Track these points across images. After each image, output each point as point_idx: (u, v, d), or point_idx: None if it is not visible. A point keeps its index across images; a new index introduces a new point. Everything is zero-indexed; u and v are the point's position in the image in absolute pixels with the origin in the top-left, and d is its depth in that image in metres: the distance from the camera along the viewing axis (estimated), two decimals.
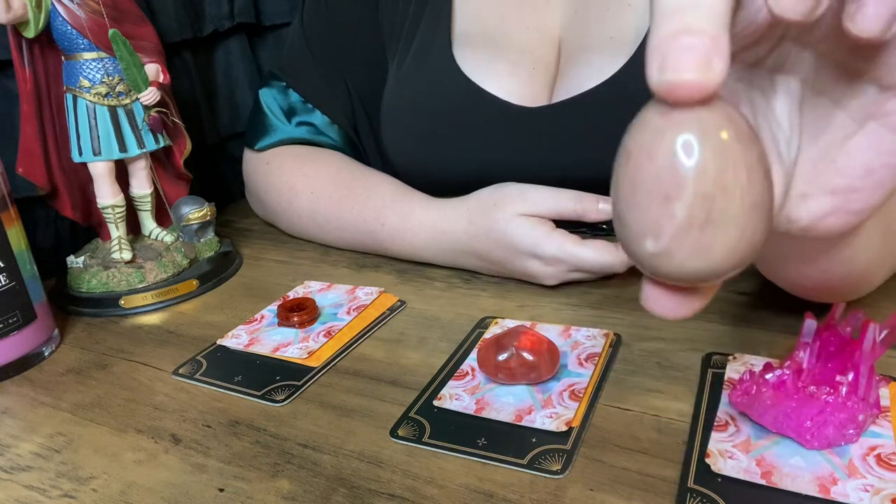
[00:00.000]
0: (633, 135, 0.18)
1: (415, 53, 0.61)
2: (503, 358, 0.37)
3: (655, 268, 0.19)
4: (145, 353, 0.46)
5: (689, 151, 0.17)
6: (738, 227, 0.18)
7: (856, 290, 0.38)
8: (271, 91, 0.66)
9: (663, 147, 0.17)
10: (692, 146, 0.17)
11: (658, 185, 0.17)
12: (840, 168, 0.23)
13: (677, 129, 0.17)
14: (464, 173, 0.58)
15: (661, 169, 0.17)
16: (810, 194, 0.24)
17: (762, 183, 0.18)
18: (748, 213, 0.18)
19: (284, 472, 0.33)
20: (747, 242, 0.18)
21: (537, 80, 0.57)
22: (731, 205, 0.17)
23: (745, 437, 0.31)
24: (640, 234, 0.18)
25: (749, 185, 0.17)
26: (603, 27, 0.55)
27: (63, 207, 0.56)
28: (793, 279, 0.37)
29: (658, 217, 0.18)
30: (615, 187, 0.19)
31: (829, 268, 0.33)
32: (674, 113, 0.17)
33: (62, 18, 0.49)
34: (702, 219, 0.17)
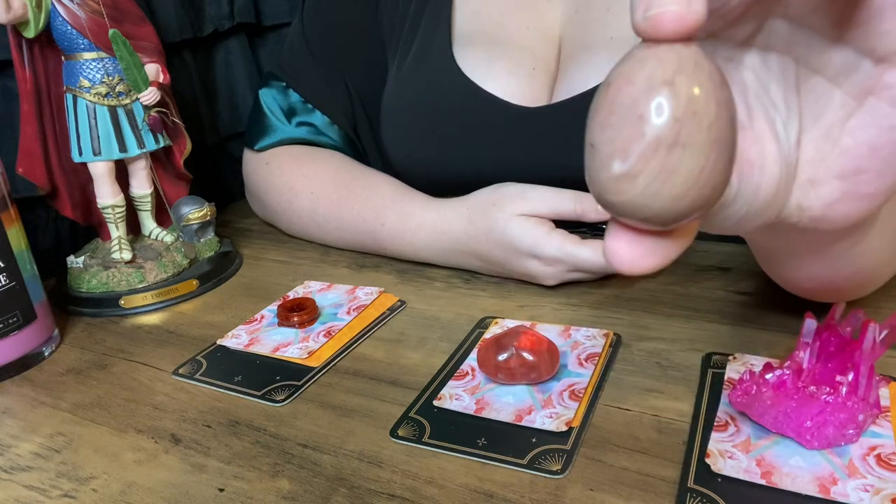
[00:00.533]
0: (616, 67, 0.20)
1: (415, 53, 0.61)
2: (503, 358, 0.37)
3: (618, 194, 0.20)
4: (145, 353, 0.46)
5: (664, 76, 0.18)
6: (702, 155, 0.19)
7: (861, 290, 0.38)
8: (271, 91, 0.66)
9: (643, 73, 0.18)
10: (668, 71, 0.18)
11: (633, 106, 0.19)
12: (844, 149, 0.23)
13: (657, 58, 0.18)
14: (464, 173, 0.58)
15: (637, 91, 0.19)
16: (818, 179, 0.24)
17: (728, 122, 0.19)
18: (712, 145, 0.19)
19: (284, 472, 0.33)
20: (707, 177, 0.19)
21: (537, 80, 0.57)
22: (698, 132, 0.18)
23: (745, 437, 0.31)
24: (609, 155, 0.19)
25: (717, 119, 0.19)
26: (603, 27, 0.55)
27: (63, 207, 0.56)
28: (799, 278, 0.37)
29: (629, 136, 0.19)
30: (591, 115, 0.20)
31: (839, 266, 0.32)
32: (656, 47, 0.18)
33: (62, 18, 0.49)
34: (670, 140, 0.18)
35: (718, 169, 0.19)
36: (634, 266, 0.22)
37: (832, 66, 0.22)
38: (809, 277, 0.35)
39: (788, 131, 0.24)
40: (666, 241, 0.22)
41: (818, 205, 0.24)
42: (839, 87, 0.23)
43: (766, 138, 0.23)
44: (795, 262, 0.34)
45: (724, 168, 0.19)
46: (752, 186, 0.23)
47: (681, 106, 0.18)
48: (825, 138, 0.23)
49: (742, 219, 0.24)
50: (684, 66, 0.18)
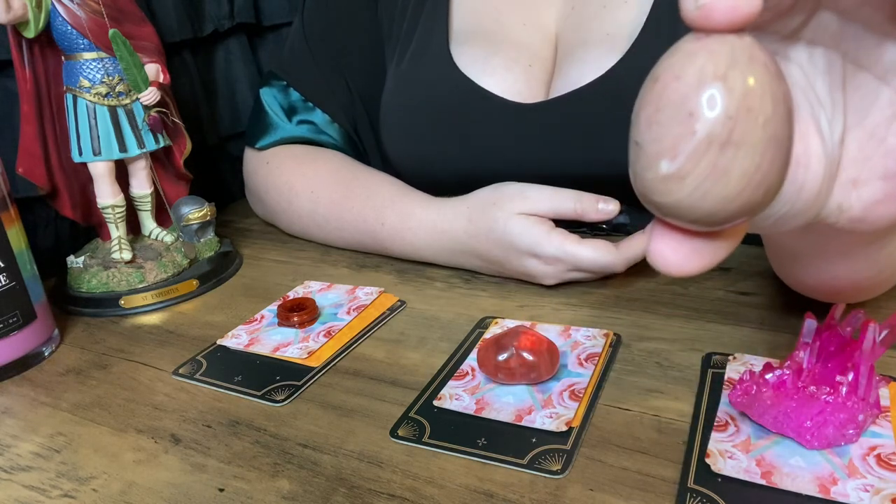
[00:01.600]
0: (663, 61, 0.18)
1: (413, 52, 0.61)
2: (503, 358, 0.37)
3: (665, 195, 0.19)
4: (145, 353, 0.46)
5: (717, 70, 0.17)
6: (756, 153, 0.18)
7: (877, 290, 0.37)
8: (272, 90, 0.66)
9: (693, 67, 0.17)
10: (720, 65, 0.17)
11: (683, 103, 0.17)
12: (890, 149, 0.22)
13: (708, 51, 0.17)
14: (462, 170, 0.58)
15: (687, 87, 0.17)
16: (861, 180, 0.23)
17: (785, 119, 0.18)
18: (767, 143, 0.18)
19: (284, 472, 0.33)
20: (762, 177, 0.18)
21: (534, 77, 0.57)
22: (753, 129, 0.17)
23: (745, 437, 0.31)
24: (655, 154, 0.18)
25: (773, 115, 0.17)
26: (600, 24, 0.55)
27: (63, 207, 0.56)
28: (819, 280, 0.36)
29: (678, 135, 0.18)
30: (636, 111, 0.19)
31: (863, 267, 0.32)
32: (707, 39, 0.17)
33: (62, 18, 0.49)
34: (722, 139, 0.17)
35: (775, 169, 0.18)
36: (681, 268, 0.21)
37: (882, 63, 0.22)
38: (831, 278, 0.35)
39: (833, 129, 0.23)
40: (714, 242, 0.21)
41: (859, 206, 0.23)
42: (888, 86, 0.22)
43: (811, 136, 0.22)
44: (819, 263, 0.34)
45: (781, 168, 0.18)
46: (796, 185, 0.22)
47: (734, 102, 0.17)
48: (870, 138, 0.22)
49: (782, 219, 0.23)
50: (738, 59, 0.17)
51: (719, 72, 0.17)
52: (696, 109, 0.17)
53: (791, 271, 0.38)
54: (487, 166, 0.55)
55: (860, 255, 0.31)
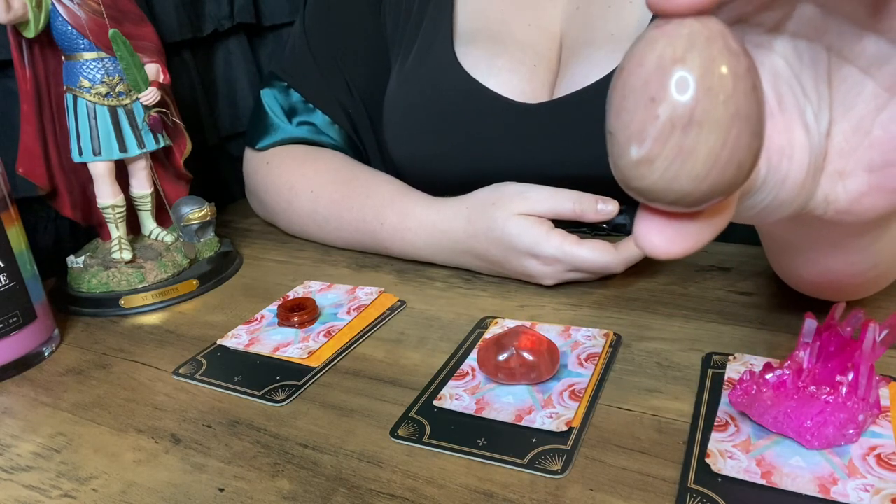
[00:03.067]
0: (629, 49, 0.19)
1: (417, 52, 0.61)
2: (503, 358, 0.37)
3: (639, 180, 0.19)
4: (145, 353, 0.46)
5: (675, 54, 0.18)
6: (721, 131, 0.18)
7: (874, 286, 0.37)
8: (272, 91, 0.66)
9: (653, 52, 0.18)
10: (678, 49, 0.18)
11: (645, 88, 0.18)
12: (875, 141, 0.22)
13: (668, 36, 0.18)
14: (466, 170, 0.58)
15: (648, 73, 0.18)
16: (847, 171, 0.23)
17: (748, 94, 0.18)
18: (732, 120, 0.18)
19: (284, 472, 0.33)
20: (730, 153, 0.18)
21: (538, 77, 0.57)
22: (714, 108, 0.18)
23: (745, 437, 0.31)
24: (625, 141, 0.19)
25: (734, 92, 0.18)
26: (604, 24, 0.55)
27: (63, 207, 0.56)
28: (814, 274, 0.36)
29: (643, 120, 0.18)
30: (608, 101, 0.20)
31: (856, 261, 0.32)
32: (667, 25, 0.18)
33: (62, 18, 0.49)
34: (684, 120, 0.18)
35: (742, 144, 0.18)
36: (667, 250, 0.21)
37: (865, 55, 0.22)
38: (826, 272, 0.35)
39: (819, 121, 0.23)
40: (697, 223, 0.21)
41: (845, 197, 0.23)
42: (872, 78, 0.22)
43: (795, 127, 0.23)
44: (813, 256, 0.34)
45: (749, 143, 0.19)
46: (780, 175, 0.22)
47: (693, 83, 0.17)
48: (855, 130, 0.23)
49: (767, 208, 0.23)
50: (696, 42, 0.17)
51: (677, 55, 0.18)
52: (657, 94, 0.18)
53: (787, 266, 0.38)
54: (491, 167, 0.55)
55: (852, 248, 0.31)
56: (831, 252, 0.32)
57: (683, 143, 0.18)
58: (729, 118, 0.18)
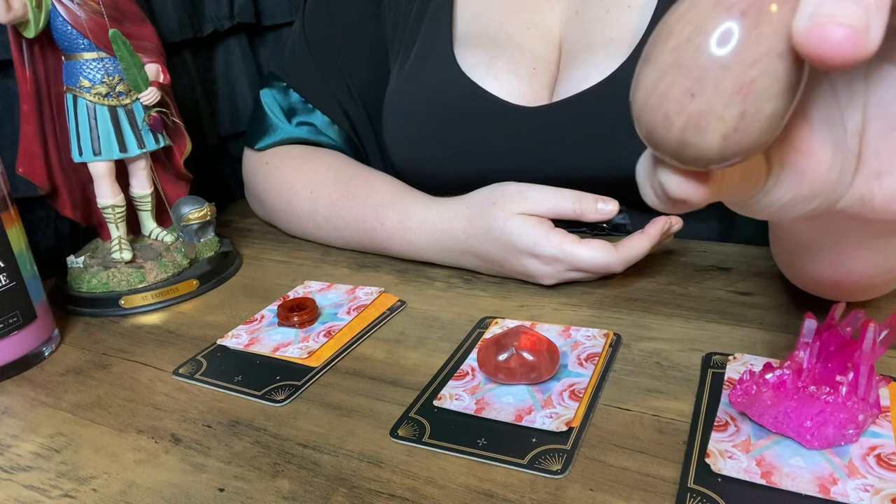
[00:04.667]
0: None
1: (416, 54, 0.61)
2: (503, 358, 0.37)
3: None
4: (145, 353, 0.46)
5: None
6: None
7: (885, 288, 0.37)
8: (272, 91, 0.66)
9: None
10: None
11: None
12: None
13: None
14: (465, 172, 0.58)
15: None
16: (884, 171, 0.23)
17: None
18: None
19: (284, 472, 0.33)
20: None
21: (538, 80, 0.57)
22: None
23: (745, 437, 0.31)
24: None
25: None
26: (603, 27, 0.55)
27: (63, 207, 0.56)
28: (831, 275, 0.36)
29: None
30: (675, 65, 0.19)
31: (880, 262, 0.32)
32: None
33: (62, 18, 0.49)
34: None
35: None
36: (691, 192, 0.21)
37: None
38: (846, 273, 0.34)
39: (846, 118, 0.23)
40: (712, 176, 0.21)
41: (881, 196, 0.23)
42: None
43: (816, 123, 0.22)
44: (835, 257, 0.33)
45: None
46: (796, 171, 0.22)
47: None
48: (893, 128, 0.22)
49: (787, 204, 0.23)
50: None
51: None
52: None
53: (802, 265, 0.38)
54: (491, 169, 0.55)
55: (878, 248, 0.31)
56: (855, 253, 0.32)
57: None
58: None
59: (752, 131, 0.18)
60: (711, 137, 0.18)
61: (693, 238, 0.56)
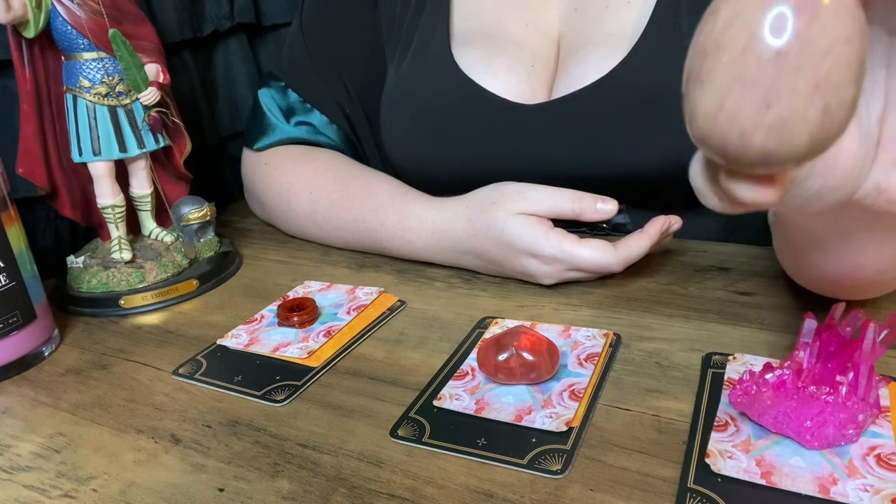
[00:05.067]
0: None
1: (414, 52, 0.61)
2: (503, 358, 0.37)
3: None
4: (145, 353, 0.46)
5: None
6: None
7: (891, 286, 0.37)
8: (270, 91, 0.66)
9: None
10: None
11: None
12: None
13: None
14: (464, 171, 0.58)
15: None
16: None
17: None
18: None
19: (284, 472, 0.33)
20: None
21: (536, 77, 0.57)
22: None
23: (745, 437, 0.31)
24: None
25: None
26: (602, 24, 0.55)
27: (63, 207, 0.56)
28: (839, 270, 0.35)
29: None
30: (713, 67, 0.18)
31: (889, 255, 0.31)
32: None
33: (62, 18, 0.49)
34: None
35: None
36: (759, 195, 0.20)
37: None
38: (854, 268, 0.34)
39: (870, 107, 0.22)
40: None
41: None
42: None
43: None
44: (846, 251, 0.33)
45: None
46: (828, 161, 0.22)
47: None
48: None
49: (816, 194, 0.23)
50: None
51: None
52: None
53: (809, 261, 0.38)
54: (490, 167, 0.55)
55: (887, 242, 0.30)
56: (864, 247, 0.32)
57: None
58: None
59: (837, 122, 0.18)
60: (798, 140, 0.18)
61: (693, 238, 0.56)
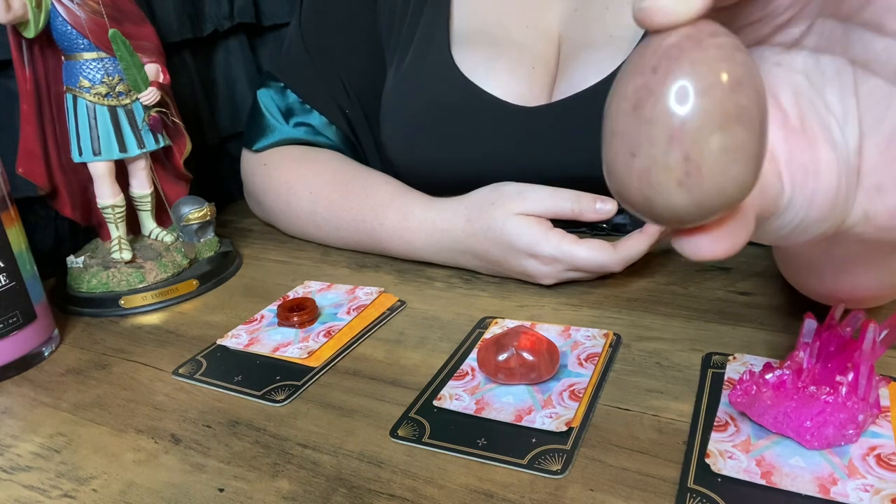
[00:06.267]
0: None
1: (414, 53, 0.61)
2: (503, 358, 0.37)
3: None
4: (145, 353, 0.46)
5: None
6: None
7: (893, 296, 0.37)
8: (269, 91, 0.66)
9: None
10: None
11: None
12: None
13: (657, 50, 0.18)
14: (464, 173, 0.58)
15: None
16: (884, 185, 0.22)
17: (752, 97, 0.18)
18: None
19: (284, 472, 0.33)
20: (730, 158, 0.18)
21: (537, 79, 0.57)
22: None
23: (745, 437, 0.31)
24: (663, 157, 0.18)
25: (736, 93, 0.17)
26: (603, 25, 0.55)
27: (63, 207, 0.56)
28: (840, 290, 0.35)
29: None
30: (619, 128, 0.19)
31: (885, 276, 0.31)
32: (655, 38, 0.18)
33: (62, 18, 0.49)
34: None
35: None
36: (712, 251, 0.20)
37: (891, 66, 0.21)
38: (851, 289, 0.34)
39: (847, 136, 0.22)
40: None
41: (885, 212, 0.23)
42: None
43: (820, 143, 0.22)
44: (841, 276, 0.33)
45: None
46: (806, 193, 0.22)
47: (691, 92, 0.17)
48: (889, 142, 0.22)
49: (797, 229, 0.23)
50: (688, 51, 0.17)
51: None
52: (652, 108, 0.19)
53: (807, 282, 0.38)
54: (490, 170, 0.55)
55: (884, 265, 0.30)
56: (861, 271, 0.32)
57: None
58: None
59: (705, 171, 0.18)
60: (667, 189, 0.18)
61: None
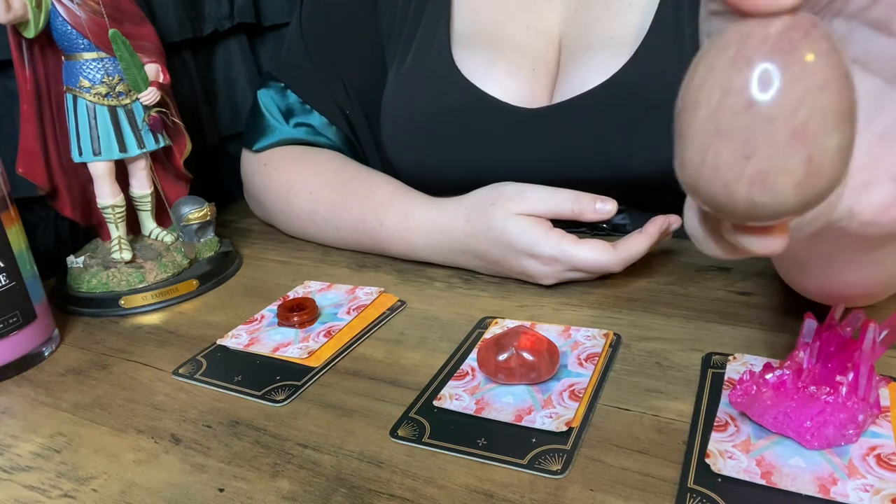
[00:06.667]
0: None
1: (414, 54, 0.61)
2: (503, 358, 0.37)
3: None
4: (145, 353, 0.46)
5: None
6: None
7: (885, 293, 0.37)
8: (269, 92, 0.65)
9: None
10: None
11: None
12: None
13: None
14: (463, 174, 0.58)
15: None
16: (872, 182, 0.23)
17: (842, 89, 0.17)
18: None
19: (284, 472, 0.33)
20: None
21: (537, 81, 0.57)
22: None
23: (745, 437, 0.31)
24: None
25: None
26: (603, 26, 0.55)
27: (63, 207, 0.56)
28: (829, 286, 0.36)
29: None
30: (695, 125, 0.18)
31: (874, 273, 0.32)
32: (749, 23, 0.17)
33: (62, 18, 0.49)
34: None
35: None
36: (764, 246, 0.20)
37: (891, 66, 0.21)
38: (841, 284, 0.34)
39: None
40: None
41: (870, 208, 0.23)
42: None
43: None
44: (829, 272, 0.33)
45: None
46: None
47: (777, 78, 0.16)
48: (879, 140, 0.22)
49: (795, 227, 0.23)
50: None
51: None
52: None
53: (798, 280, 0.38)
54: (491, 171, 0.55)
55: (870, 261, 0.31)
56: (848, 267, 0.32)
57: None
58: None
59: (824, 170, 0.17)
60: (784, 191, 0.17)
61: None
